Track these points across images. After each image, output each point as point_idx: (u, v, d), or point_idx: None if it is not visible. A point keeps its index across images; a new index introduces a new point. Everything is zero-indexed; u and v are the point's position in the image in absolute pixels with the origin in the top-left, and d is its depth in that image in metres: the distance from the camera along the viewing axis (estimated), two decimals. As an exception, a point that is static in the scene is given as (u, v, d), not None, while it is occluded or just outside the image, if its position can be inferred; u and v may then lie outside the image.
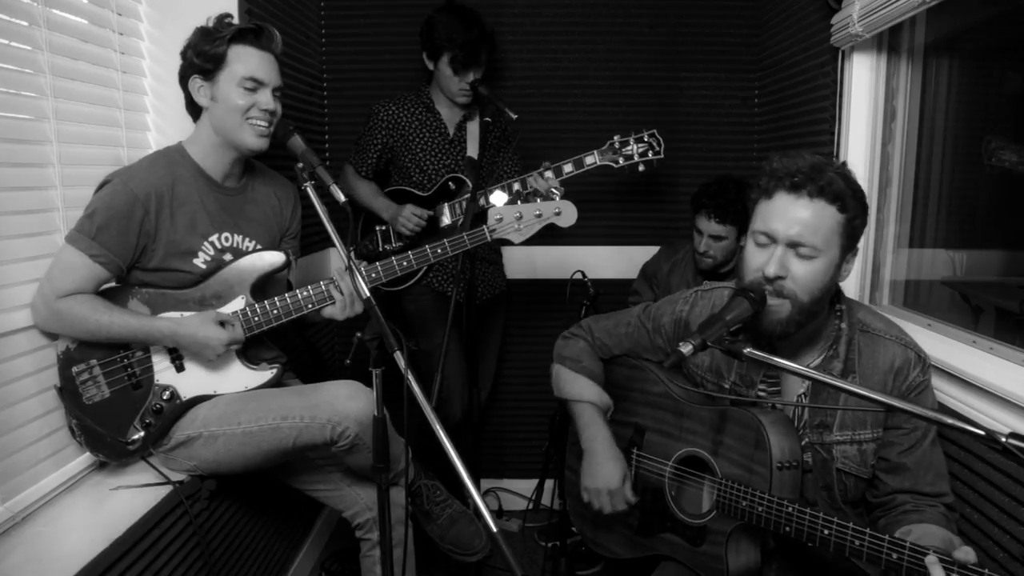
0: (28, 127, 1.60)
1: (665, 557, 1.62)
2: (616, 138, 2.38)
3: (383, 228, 2.57)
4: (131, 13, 1.98)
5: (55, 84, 1.64)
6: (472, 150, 2.58)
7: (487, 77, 2.57)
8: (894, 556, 1.18)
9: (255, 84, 1.69)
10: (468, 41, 2.38)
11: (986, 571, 1.10)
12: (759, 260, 1.40)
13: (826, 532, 1.27)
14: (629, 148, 2.37)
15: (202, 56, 1.65)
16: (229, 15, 1.70)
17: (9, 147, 1.55)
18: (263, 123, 1.71)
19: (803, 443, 1.49)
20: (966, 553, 1.13)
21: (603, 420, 1.72)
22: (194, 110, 1.75)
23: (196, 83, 1.69)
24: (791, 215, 1.36)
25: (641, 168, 2.40)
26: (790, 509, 1.33)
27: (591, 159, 2.38)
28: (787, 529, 1.33)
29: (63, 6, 1.69)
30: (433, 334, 2.59)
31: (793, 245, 1.36)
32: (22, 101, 1.58)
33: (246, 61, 1.68)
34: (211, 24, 1.68)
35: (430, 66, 2.51)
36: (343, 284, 1.75)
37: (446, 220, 2.51)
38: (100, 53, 1.84)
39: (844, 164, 1.43)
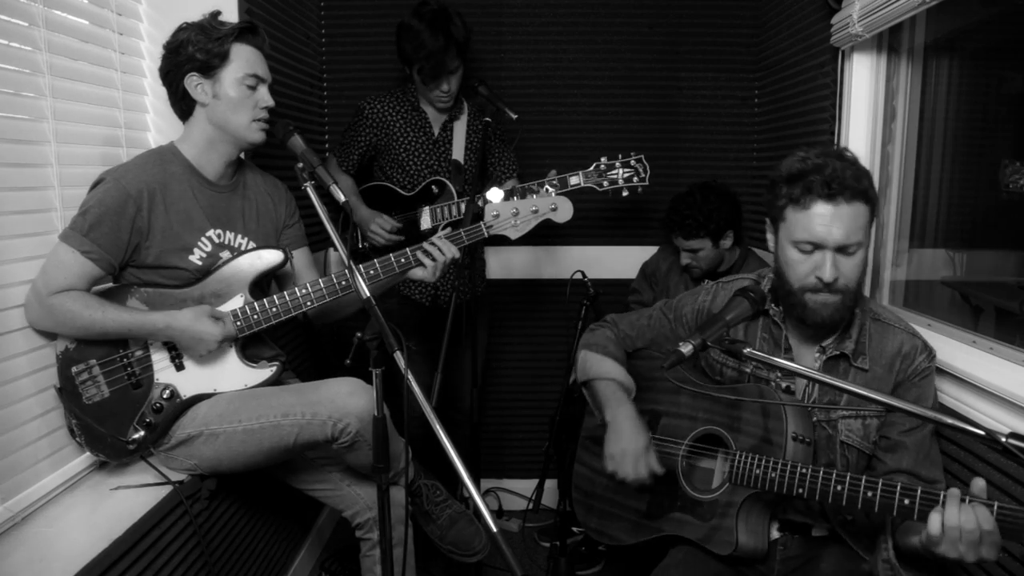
0: (27, 127, 1.60)
1: (671, 541, 1.63)
2: (603, 160, 2.33)
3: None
4: (131, 13, 1.98)
5: (54, 84, 1.64)
6: (458, 151, 2.56)
7: (469, 73, 2.52)
8: (906, 502, 1.24)
9: (256, 81, 1.72)
10: (432, 53, 2.33)
11: (996, 503, 1.16)
12: (807, 267, 1.46)
13: (839, 488, 1.32)
14: (614, 172, 2.33)
15: (206, 53, 1.66)
16: (220, 12, 1.72)
17: (8, 147, 1.54)
18: (263, 122, 1.75)
19: (811, 420, 1.53)
20: (980, 489, 1.20)
21: (627, 397, 1.74)
22: (184, 107, 1.74)
23: (193, 80, 1.69)
24: (835, 223, 1.41)
25: (625, 194, 2.35)
26: (803, 470, 1.37)
27: (576, 179, 2.34)
28: (800, 491, 1.37)
29: (63, 6, 1.69)
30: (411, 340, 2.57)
31: (840, 249, 1.43)
32: (21, 101, 1.58)
33: (247, 59, 1.71)
34: (206, 21, 1.69)
35: (407, 71, 2.49)
36: (436, 251, 1.82)
37: (426, 224, 2.48)
38: (100, 53, 1.84)
39: (845, 150, 1.49)
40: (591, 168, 2.33)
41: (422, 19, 2.35)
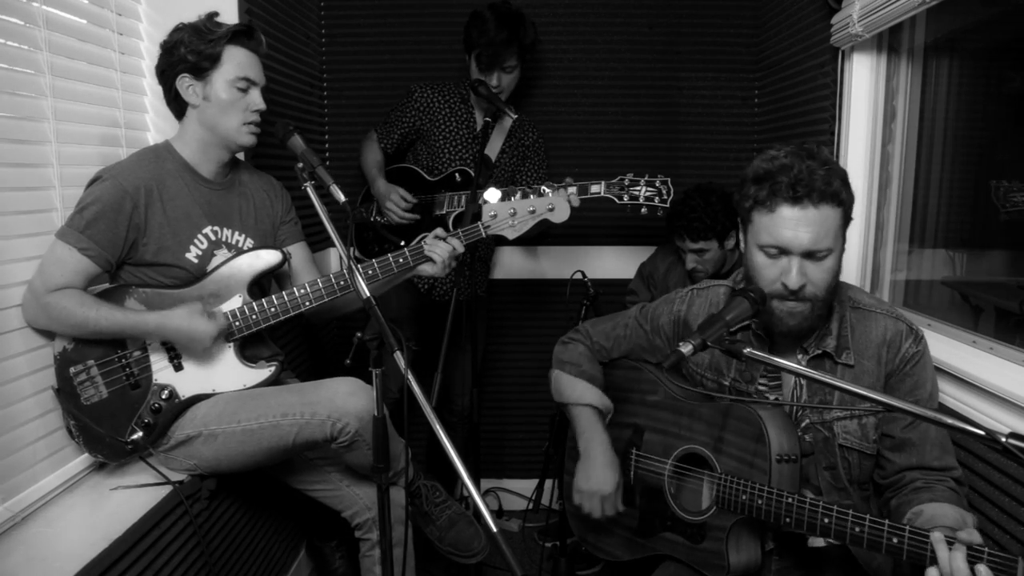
0: (27, 127, 1.60)
1: (665, 557, 1.62)
2: (628, 175, 2.30)
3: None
4: (131, 13, 1.98)
5: (54, 84, 1.64)
6: (492, 149, 2.59)
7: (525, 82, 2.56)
8: (894, 540, 1.19)
9: (248, 84, 1.72)
10: (493, 42, 2.39)
11: (987, 550, 1.10)
12: (773, 272, 1.41)
13: (826, 520, 1.28)
14: (637, 188, 2.32)
15: (197, 55, 1.66)
16: (217, 13, 1.72)
17: (8, 147, 1.54)
18: (253, 124, 1.75)
19: (803, 424, 1.50)
20: (970, 534, 1.14)
21: (601, 424, 1.72)
22: (177, 107, 1.75)
23: (185, 81, 1.69)
24: (801, 227, 1.35)
25: (643, 211, 2.31)
26: (790, 500, 1.34)
27: (596, 188, 2.33)
28: (787, 520, 1.34)
29: (62, 6, 1.69)
30: (404, 330, 2.60)
31: (808, 255, 1.38)
32: (21, 101, 1.58)
33: (239, 62, 1.71)
34: (201, 22, 1.69)
35: (466, 59, 2.53)
36: (437, 249, 1.81)
37: (441, 209, 2.51)
38: (100, 53, 1.84)
39: (818, 146, 1.41)
40: (614, 180, 2.33)
41: (494, 11, 2.43)
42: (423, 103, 2.56)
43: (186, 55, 1.66)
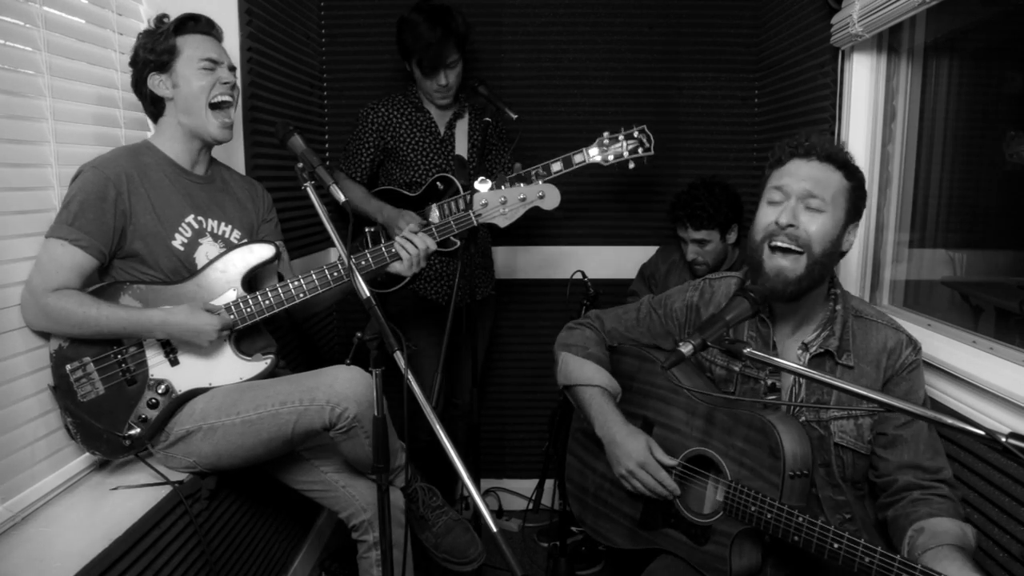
0: (26, 127, 1.60)
1: (664, 551, 1.62)
2: (606, 135, 2.33)
3: (372, 230, 2.56)
4: (131, 13, 1.98)
5: (54, 84, 1.64)
6: (461, 148, 2.58)
7: (468, 73, 2.55)
8: None
9: (211, 64, 1.75)
10: (431, 43, 2.37)
11: None
12: (771, 216, 1.50)
13: (835, 546, 1.27)
14: (619, 145, 2.33)
15: (154, 52, 1.71)
16: (166, 15, 1.76)
17: (7, 147, 1.54)
18: (227, 97, 1.77)
19: (800, 421, 1.51)
20: None
21: (613, 404, 1.71)
22: (155, 109, 1.78)
23: (155, 79, 1.73)
24: (802, 173, 1.49)
25: (631, 165, 2.35)
26: (800, 519, 1.33)
27: (580, 157, 2.35)
28: (796, 539, 1.33)
29: (62, 6, 1.70)
30: (413, 336, 2.61)
31: (804, 198, 1.47)
32: (21, 101, 1.58)
33: (196, 46, 1.75)
34: (152, 25, 1.74)
35: (407, 68, 2.52)
36: (409, 245, 1.82)
37: (435, 220, 2.49)
38: (100, 53, 1.84)
39: (848, 151, 1.56)
40: (594, 143, 2.33)
41: (421, 13, 2.40)
42: (380, 121, 2.54)
43: (146, 57, 1.71)
